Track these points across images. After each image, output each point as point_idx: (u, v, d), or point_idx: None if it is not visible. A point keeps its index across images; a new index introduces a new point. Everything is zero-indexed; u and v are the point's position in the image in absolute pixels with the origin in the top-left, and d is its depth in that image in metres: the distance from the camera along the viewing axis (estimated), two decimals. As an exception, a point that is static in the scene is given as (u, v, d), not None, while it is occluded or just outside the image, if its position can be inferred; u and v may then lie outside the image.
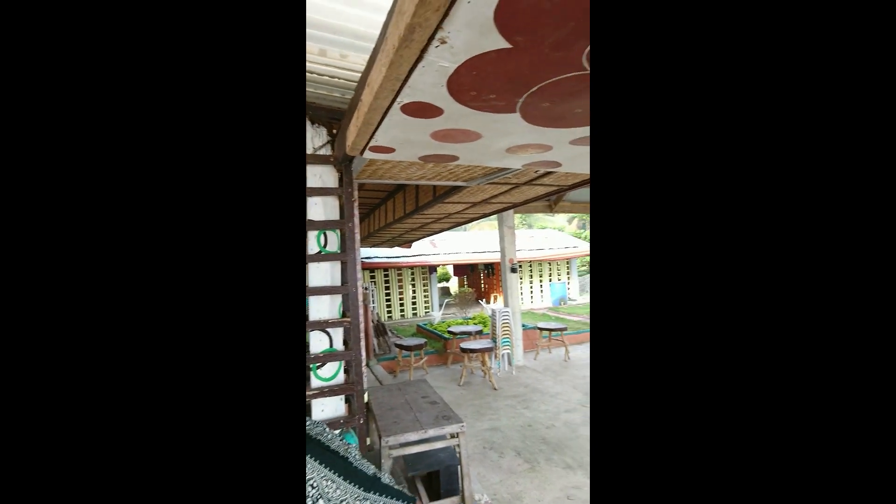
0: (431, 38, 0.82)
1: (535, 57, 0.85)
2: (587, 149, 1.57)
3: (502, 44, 0.81)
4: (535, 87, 1.00)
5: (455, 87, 1.02)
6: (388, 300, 12.15)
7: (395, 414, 3.34)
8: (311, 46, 1.80)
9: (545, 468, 3.47)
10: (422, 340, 6.50)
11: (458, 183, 3.07)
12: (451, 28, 0.78)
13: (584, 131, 1.37)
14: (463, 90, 1.03)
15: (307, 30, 1.67)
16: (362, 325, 2.89)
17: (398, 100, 1.10)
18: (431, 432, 3.03)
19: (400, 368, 6.61)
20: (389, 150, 1.58)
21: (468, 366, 6.18)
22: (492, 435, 4.23)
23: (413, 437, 3.00)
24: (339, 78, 2.01)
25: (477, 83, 0.99)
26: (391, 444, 2.97)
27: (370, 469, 0.77)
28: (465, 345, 6.05)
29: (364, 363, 2.55)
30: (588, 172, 2.18)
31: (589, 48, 0.83)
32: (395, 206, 5.48)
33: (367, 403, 3.25)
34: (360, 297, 2.73)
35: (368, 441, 3.11)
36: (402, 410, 3.43)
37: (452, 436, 3.16)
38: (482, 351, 5.85)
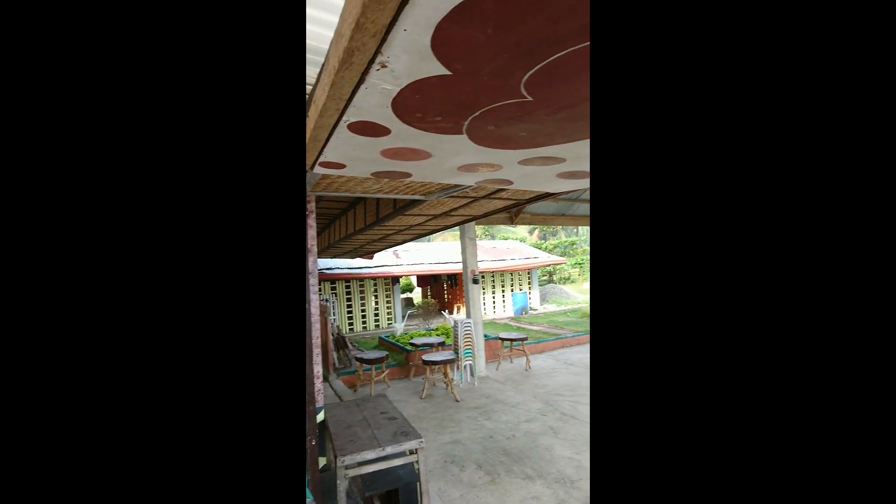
0: (371, 61, 0.82)
1: (475, 84, 0.87)
2: (537, 168, 1.62)
3: (442, 70, 0.82)
4: (478, 112, 1.02)
5: (400, 108, 1.02)
6: (349, 312, 11.91)
7: (351, 432, 3.26)
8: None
9: (505, 480, 3.48)
10: (383, 353, 6.40)
11: (417, 197, 3.07)
12: (390, 53, 0.78)
13: (533, 152, 1.41)
14: (408, 112, 1.04)
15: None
16: (319, 340, 2.81)
17: (344, 118, 1.09)
18: (389, 449, 2.97)
19: (361, 383, 6.47)
20: (340, 165, 1.56)
21: (430, 378, 6.13)
22: (453, 448, 4.21)
23: (370, 455, 2.93)
24: (290, 90, 1.98)
25: (421, 106, 0.99)
26: (347, 464, 2.89)
27: None
28: (427, 357, 6.01)
29: (322, 379, 2.47)
30: (540, 190, 2.24)
31: (527, 76, 0.85)
32: (355, 218, 5.41)
33: (322, 422, 3.15)
34: (318, 311, 2.65)
35: (324, 461, 3.01)
36: (360, 428, 3.35)
37: (411, 452, 3.11)
38: (444, 363, 5.83)
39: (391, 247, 8.52)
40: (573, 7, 0.63)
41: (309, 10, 1.51)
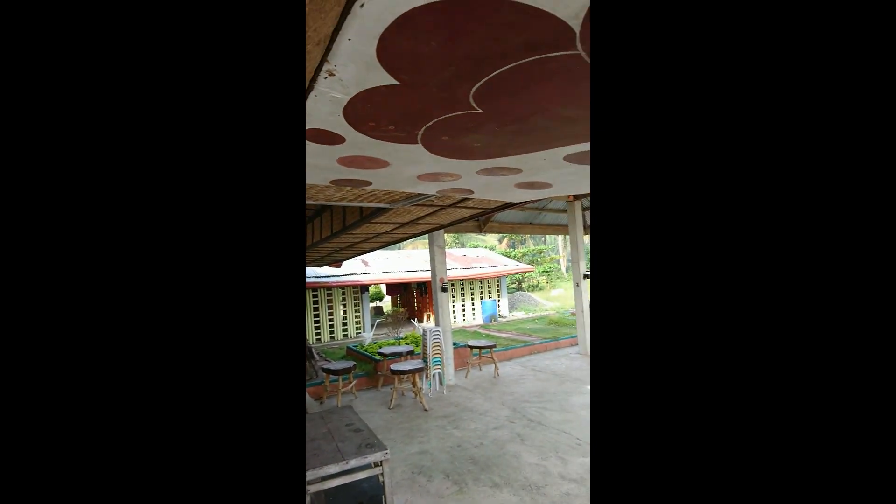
0: (318, 69, 0.81)
1: (424, 94, 0.88)
2: (495, 178, 1.64)
3: (390, 80, 0.83)
4: (431, 122, 1.03)
5: (352, 117, 1.01)
6: (317, 322, 11.64)
7: (314, 445, 3.17)
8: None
9: (473, 489, 3.46)
10: (350, 363, 6.28)
11: (382, 205, 3.05)
12: (336, 62, 0.78)
13: (490, 163, 1.43)
14: (361, 120, 1.03)
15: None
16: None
17: (296, 126, 1.08)
18: (353, 462, 2.91)
19: (327, 394, 6.32)
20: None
21: (399, 387, 6.06)
22: (421, 458, 4.16)
23: (334, 468, 2.85)
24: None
25: (373, 115, 0.99)
26: (309, 480, 2.80)
27: None
28: (395, 366, 5.94)
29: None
30: (501, 199, 2.27)
31: (475, 89, 0.87)
32: (321, 226, 5.32)
33: (284, 436, 3.04)
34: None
35: (285, 477, 2.91)
36: (324, 441, 3.26)
37: (376, 464, 3.06)
38: (413, 372, 5.79)
39: (360, 255, 8.42)
40: (514, 24, 0.64)
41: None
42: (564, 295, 18.07)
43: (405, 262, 13.92)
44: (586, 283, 7.68)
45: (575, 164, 1.37)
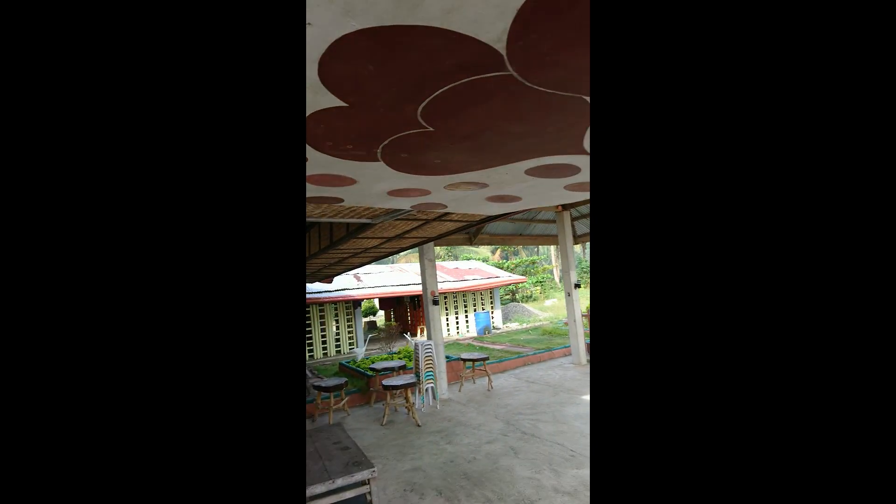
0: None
1: (374, 115, 0.90)
2: (464, 193, 1.66)
3: (338, 102, 0.85)
4: (386, 140, 1.05)
5: (310, 137, 1.04)
6: (309, 339, 11.55)
7: (301, 465, 3.13)
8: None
9: (464, 505, 3.42)
10: (342, 380, 6.22)
11: (364, 220, 3.07)
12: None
13: (455, 178, 1.45)
14: (318, 140, 1.05)
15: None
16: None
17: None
18: (339, 481, 2.87)
19: (319, 412, 6.24)
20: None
21: (391, 403, 6.00)
22: (413, 475, 4.11)
23: (320, 488, 2.82)
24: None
25: (329, 135, 1.01)
26: (294, 500, 2.76)
27: None
28: (387, 381, 5.89)
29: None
30: (476, 213, 2.30)
31: (421, 107, 0.89)
32: (309, 242, 5.33)
33: (269, 457, 3.00)
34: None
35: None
36: (311, 460, 3.23)
37: (364, 482, 3.02)
38: (405, 387, 5.74)
39: (350, 269, 8.40)
40: (441, 47, 0.67)
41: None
42: (558, 305, 18.06)
43: (398, 276, 13.90)
44: (577, 293, 7.70)
45: (537, 177, 1.40)
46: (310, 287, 11.28)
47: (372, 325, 16.08)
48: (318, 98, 0.85)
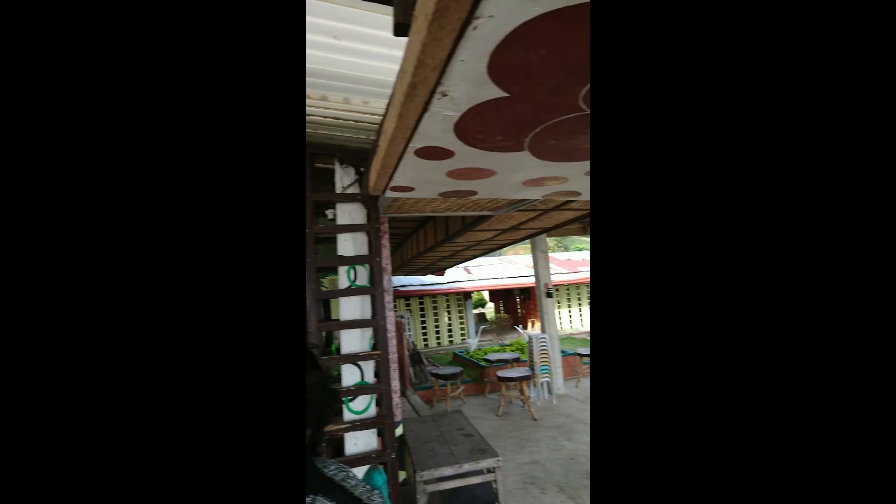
0: (433, 92, 0.87)
1: (533, 103, 0.89)
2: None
3: (500, 93, 0.86)
4: (538, 128, 1.03)
5: (462, 132, 1.06)
6: (423, 328, 12.16)
7: (429, 447, 3.31)
8: (335, 96, 1.93)
9: (589, 505, 3.29)
10: (458, 369, 6.43)
11: (484, 213, 3.10)
12: (449, 83, 0.83)
13: (598, 162, 1.38)
14: (470, 134, 1.08)
15: (332, 81, 1.80)
16: (396, 356, 2.92)
17: (411, 145, 1.16)
18: (467, 466, 2.97)
19: (437, 398, 6.54)
20: (409, 189, 1.64)
21: (506, 395, 6.03)
22: (532, 469, 4.08)
23: (448, 471, 2.95)
24: (362, 122, 2.13)
25: (482, 128, 1.03)
26: (426, 479, 2.93)
27: None
28: (502, 373, 5.93)
29: (400, 393, 2.56)
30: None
31: (584, 90, 0.85)
32: (425, 236, 5.58)
33: (401, 436, 3.23)
34: (394, 327, 2.77)
35: (404, 475, 3.08)
36: (437, 443, 3.39)
37: (489, 470, 3.08)
38: (520, 379, 5.72)
39: (462, 262, 8.61)
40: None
41: (376, 48, 1.64)
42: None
43: (507, 268, 13.86)
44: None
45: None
46: (423, 279, 11.85)
47: (481, 317, 16.32)
48: (480, 91, 0.87)
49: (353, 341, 2.42)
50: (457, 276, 12.35)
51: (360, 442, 2.38)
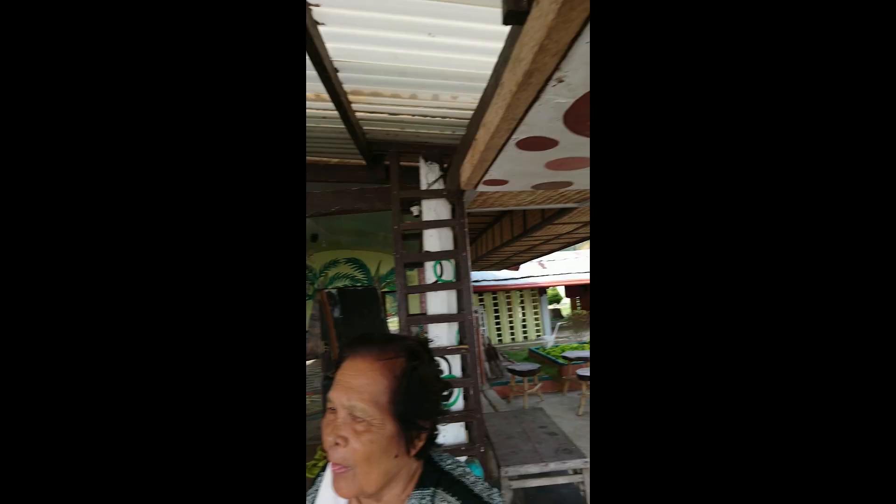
0: (549, 79, 0.84)
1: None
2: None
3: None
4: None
5: (572, 119, 1.01)
6: (497, 323, 12.10)
7: (512, 443, 3.28)
8: (425, 93, 1.95)
9: (687, 518, 3.05)
10: (535, 366, 6.31)
11: (570, 205, 2.98)
12: (568, 68, 0.79)
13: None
14: (580, 121, 1.02)
15: (422, 79, 1.82)
16: (478, 350, 2.93)
17: (514, 137, 1.13)
18: (552, 466, 2.90)
19: (513, 394, 6.48)
20: (502, 182, 1.61)
21: (587, 395, 5.80)
22: (619, 473, 3.88)
23: (533, 469, 2.90)
24: (450, 117, 2.14)
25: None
26: (510, 475, 2.91)
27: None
28: (581, 371, 5.72)
29: (480, 389, 2.56)
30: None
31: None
32: (501, 230, 5.52)
33: (484, 430, 3.23)
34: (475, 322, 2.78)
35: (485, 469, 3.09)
36: (520, 440, 3.34)
37: (575, 471, 2.98)
38: (602, 379, 5.45)
39: (537, 257, 8.42)
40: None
41: (468, 42, 1.63)
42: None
43: (584, 263, 13.31)
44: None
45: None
46: (497, 274, 11.77)
47: (556, 313, 15.87)
48: (601, 74, 0.81)
49: (440, 335, 2.46)
50: (531, 271, 12.10)
51: (448, 435, 2.42)
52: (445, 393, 0.85)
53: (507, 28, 1.29)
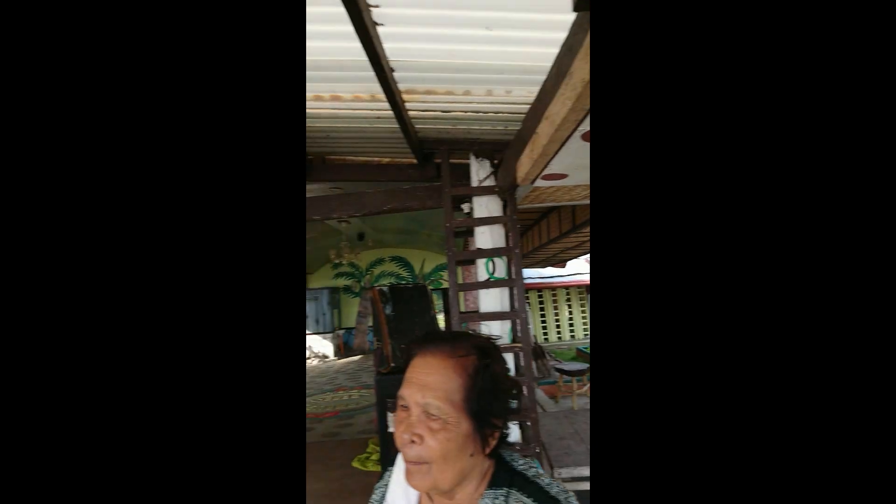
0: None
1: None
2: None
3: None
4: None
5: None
6: (543, 322, 11.89)
7: (565, 444, 3.21)
8: (478, 89, 1.94)
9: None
10: (584, 365, 6.14)
11: (625, 199, 2.87)
12: (650, 52, 0.75)
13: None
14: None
15: (476, 75, 1.81)
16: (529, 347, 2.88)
17: (580, 128, 1.10)
18: (609, 470, 2.80)
19: (561, 394, 6.33)
20: (562, 176, 1.57)
21: (640, 397, 5.57)
22: (678, 480, 3.69)
23: (587, 471, 2.82)
24: (503, 112, 2.11)
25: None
26: (564, 477, 2.84)
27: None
28: (635, 373, 5.49)
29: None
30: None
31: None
32: (549, 226, 5.40)
33: (533, 430, 3.18)
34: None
35: (539, 470, 3.04)
36: (573, 441, 3.27)
37: (633, 476, 2.87)
38: (657, 381, 5.22)
39: (586, 254, 8.18)
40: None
41: (524, 33, 1.59)
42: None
43: (632, 260, 12.80)
44: None
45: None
46: (542, 272, 11.55)
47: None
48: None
49: (493, 333, 2.44)
50: (578, 268, 11.78)
51: (501, 433, 2.40)
52: (515, 391, 0.84)
53: (571, 16, 1.24)
